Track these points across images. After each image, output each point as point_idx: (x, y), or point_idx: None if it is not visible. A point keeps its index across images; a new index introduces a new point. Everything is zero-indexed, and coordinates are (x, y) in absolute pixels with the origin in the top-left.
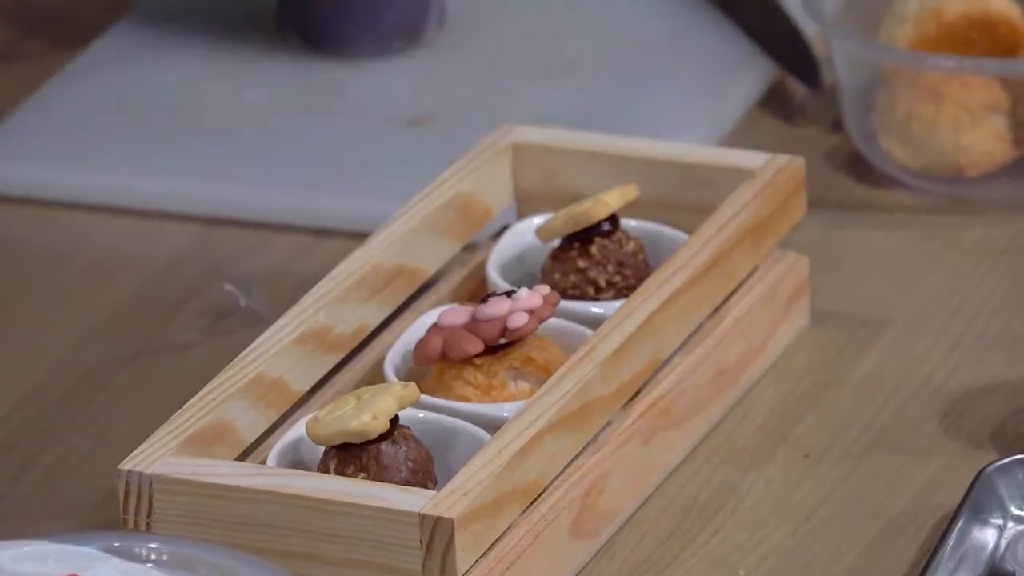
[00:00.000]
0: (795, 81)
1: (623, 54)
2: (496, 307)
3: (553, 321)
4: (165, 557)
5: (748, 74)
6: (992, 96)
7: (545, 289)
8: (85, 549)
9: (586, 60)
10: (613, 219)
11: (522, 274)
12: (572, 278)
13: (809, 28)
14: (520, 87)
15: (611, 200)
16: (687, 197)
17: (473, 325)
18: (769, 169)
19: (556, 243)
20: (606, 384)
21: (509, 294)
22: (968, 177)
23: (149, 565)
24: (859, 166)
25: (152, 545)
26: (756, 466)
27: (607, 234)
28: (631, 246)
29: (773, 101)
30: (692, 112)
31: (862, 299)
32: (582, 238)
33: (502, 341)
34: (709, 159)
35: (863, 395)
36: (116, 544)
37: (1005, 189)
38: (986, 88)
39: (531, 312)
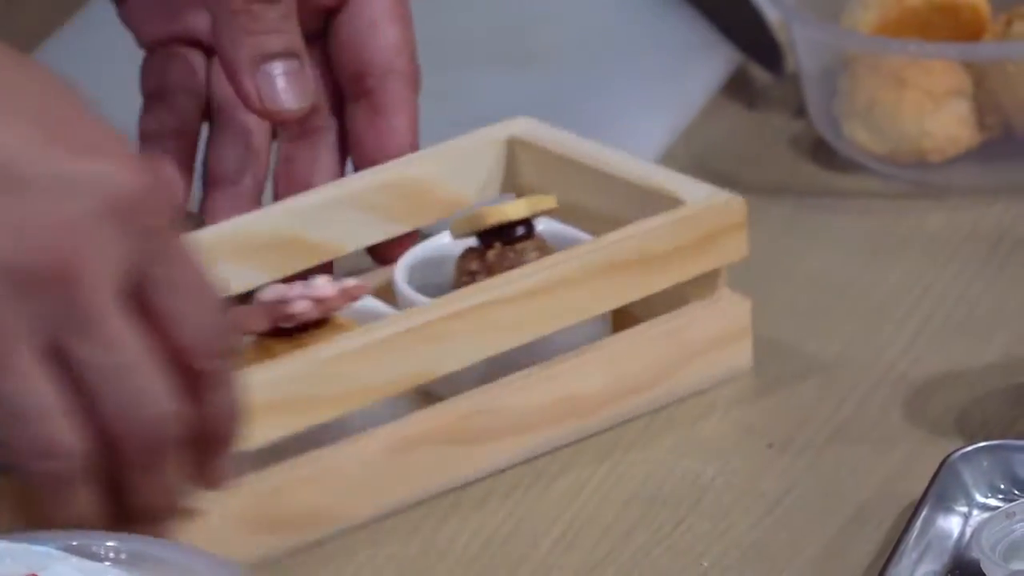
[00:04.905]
0: (758, 67)
1: (584, 42)
2: (286, 291)
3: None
4: (124, 556)
5: (710, 60)
6: (955, 80)
7: (351, 282)
8: (42, 548)
9: (548, 48)
10: (526, 226)
11: (439, 271)
12: (463, 280)
13: (771, 14)
14: (481, 76)
15: (510, 208)
16: (628, 216)
17: (269, 305)
18: (701, 202)
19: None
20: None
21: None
22: (932, 162)
23: (107, 563)
24: (822, 152)
25: (110, 543)
26: (720, 457)
27: (511, 241)
28: (533, 256)
29: (736, 88)
30: (654, 99)
31: (826, 285)
32: (490, 242)
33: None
34: (651, 181)
35: (827, 384)
36: (74, 543)
37: (969, 173)
38: (949, 72)
39: (319, 301)
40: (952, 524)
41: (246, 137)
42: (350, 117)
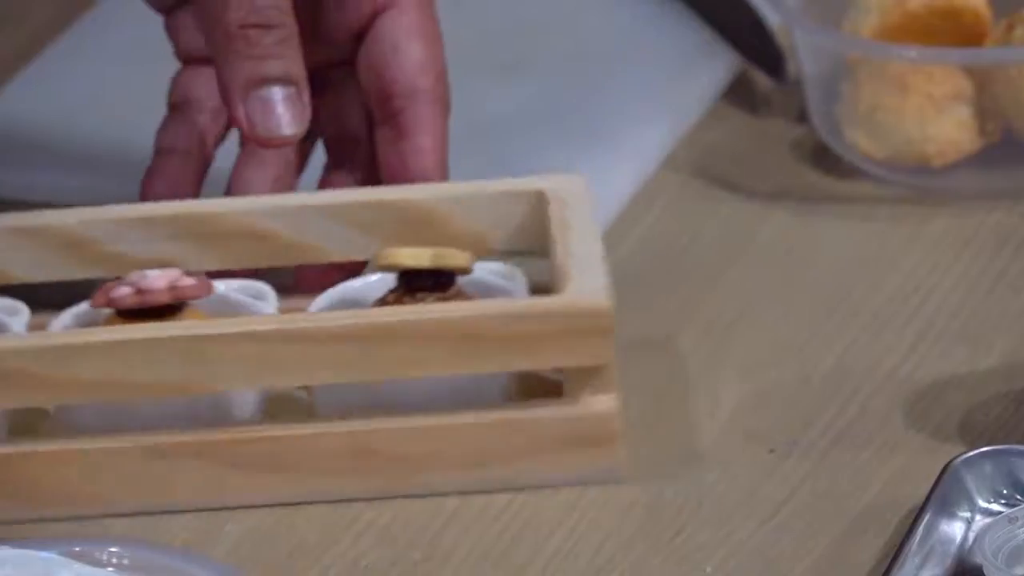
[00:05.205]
0: (760, 73)
1: (586, 48)
2: (128, 275)
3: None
4: (126, 562)
5: (712, 66)
6: (957, 85)
7: (188, 282)
8: (44, 554)
9: (548, 53)
10: (439, 276)
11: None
12: None
13: (773, 19)
14: (477, 82)
15: (407, 254)
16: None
17: (106, 286)
18: (564, 298)
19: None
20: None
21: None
22: (934, 167)
23: (110, 570)
24: (824, 157)
25: (113, 549)
26: (721, 462)
27: (413, 288)
28: None
29: (737, 93)
30: (656, 105)
31: (827, 291)
32: (401, 287)
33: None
34: (567, 262)
35: (828, 389)
36: (76, 549)
37: (971, 179)
38: (951, 77)
39: (140, 291)
40: (955, 529)
41: (271, 161)
42: (377, 140)
